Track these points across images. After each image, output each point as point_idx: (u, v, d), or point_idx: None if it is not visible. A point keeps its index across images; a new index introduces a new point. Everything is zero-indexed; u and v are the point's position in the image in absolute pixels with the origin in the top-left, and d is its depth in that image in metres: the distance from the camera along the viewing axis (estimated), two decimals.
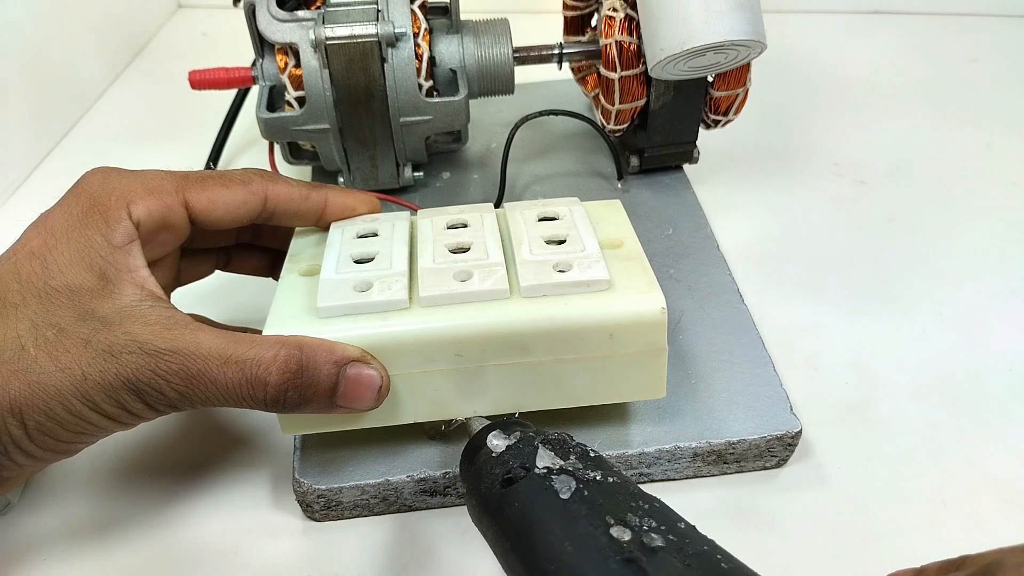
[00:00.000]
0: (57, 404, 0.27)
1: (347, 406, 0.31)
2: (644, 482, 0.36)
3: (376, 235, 0.35)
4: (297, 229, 0.38)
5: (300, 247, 0.37)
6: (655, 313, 0.31)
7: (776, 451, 0.36)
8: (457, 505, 0.35)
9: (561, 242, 0.34)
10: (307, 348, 0.29)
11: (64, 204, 0.31)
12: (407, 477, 0.34)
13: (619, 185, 0.51)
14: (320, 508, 0.35)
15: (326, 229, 0.37)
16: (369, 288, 0.32)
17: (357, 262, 0.34)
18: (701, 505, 0.35)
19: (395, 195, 0.47)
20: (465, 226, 0.35)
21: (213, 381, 0.28)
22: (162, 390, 0.28)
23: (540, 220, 0.36)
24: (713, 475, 0.36)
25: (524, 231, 0.35)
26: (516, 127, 0.47)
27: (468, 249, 0.34)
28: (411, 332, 0.31)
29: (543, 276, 0.32)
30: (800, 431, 0.35)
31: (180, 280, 0.37)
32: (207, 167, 0.54)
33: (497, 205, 0.47)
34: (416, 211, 0.38)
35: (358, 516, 0.35)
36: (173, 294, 0.37)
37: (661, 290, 0.32)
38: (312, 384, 0.29)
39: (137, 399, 0.28)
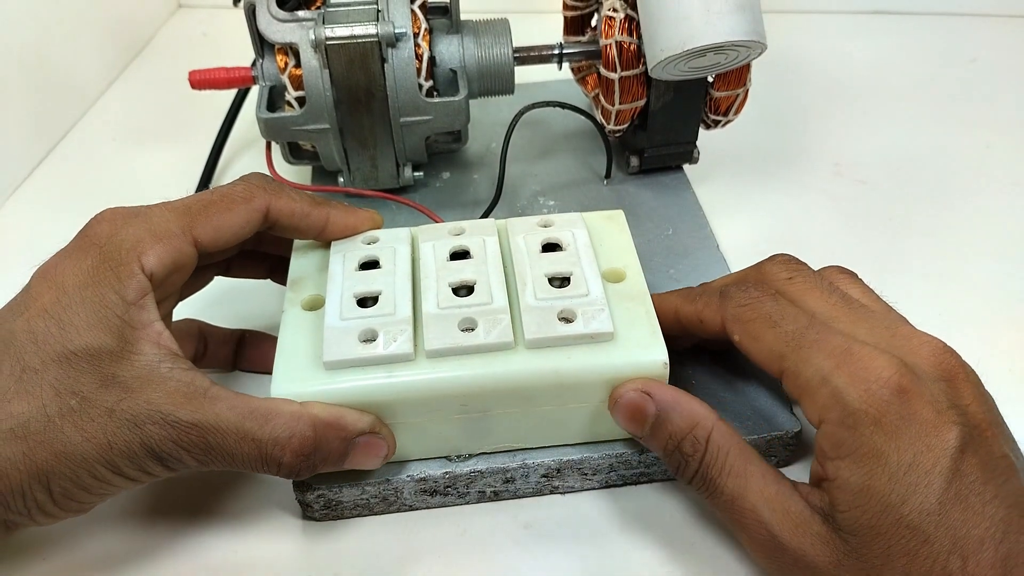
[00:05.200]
0: (83, 471, 0.28)
1: (353, 467, 0.32)
2: (644, 482, 0.36)
3: (378, 263, 0.35)
4: (296, 244, 0.38)
5: (300, 271, 0.37)
6: (657, 366, 0.32)
7: (776, 451, 0.36)
8: (457, 505, 0.36)
9: (565, 280, 0.34)
10: (320, 427, 0.30)
11: (72, 257, 0.31)
12: (407, 477, 0.34)
13: (604, 183, 0.51)
14: (320, 508, 0.35)
15: (326, 245, 0.37)
16: (375, 338, 0.32)
17: (360, 302, 0.34)
18: (702, 505, 0.35)
19: (395, 195, 0.47)
20: (467, 253, 0.36)
21: (231, 454, 0.29)
22: (182, 459, 0.29)
23: (543, 250, 0.36)
24: None
25: (528, 266, 0.35)
26: (518, 116, 0.46)
27: (472, 289, 0.34)
28: (417, 385, 0.32)
29: (547, 327, 0.32)
30: (800, 431, 0.35)
31: (182, 295, 0.37)
32: (206, 168, 0.54)
33: (495, 200, 0.47)
34: (418, 222, 0.38)
35: (358, 516, 0.35)
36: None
37: (664, 342, 0.33)
38: (323, 459, 0.31)
39: (158, 464, 0.29)
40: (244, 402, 0.30)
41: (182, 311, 0.37)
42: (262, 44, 0.44)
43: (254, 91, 0.56)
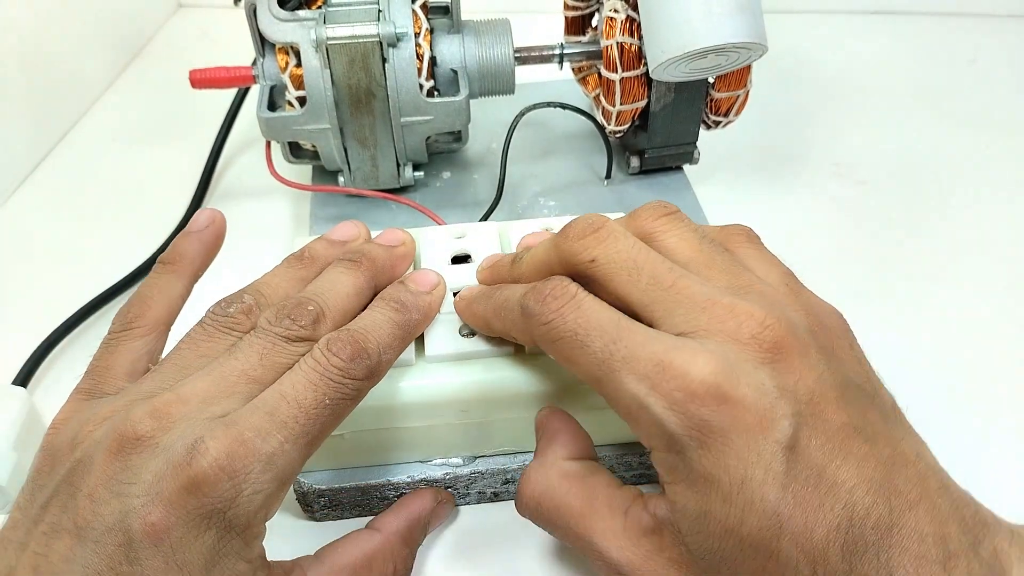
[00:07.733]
0: None
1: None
2: (644, 483, 0.36)
3: None
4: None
5: None
6: None
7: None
8: (457, 505, 0.36)
9: None
10: (408, 539, 0.32)
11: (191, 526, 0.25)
12: (407, 477, 0.34)
13: (605, 183, 0.51)
14: (320, 508, 0.35)
15: None
16: None
17: None
18: None
19: (395, 195, 0.47)
20: (468, 257, 0.36)
21: None
22: None
23: None
24: None
25: None
26: (519, 116, 0.46)
27: None
28: (417, 391, 0.32)
29: None
30: None
31: None
32: (206, 167, 0.54)
33: (496, 201, 0.47)
34: (418, 222, 0.38)
35: (358, 516, 0.35)
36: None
37: None
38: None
39: None
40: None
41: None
42: (263, 43, 0.44)
43: (254, 91, 0.56)
